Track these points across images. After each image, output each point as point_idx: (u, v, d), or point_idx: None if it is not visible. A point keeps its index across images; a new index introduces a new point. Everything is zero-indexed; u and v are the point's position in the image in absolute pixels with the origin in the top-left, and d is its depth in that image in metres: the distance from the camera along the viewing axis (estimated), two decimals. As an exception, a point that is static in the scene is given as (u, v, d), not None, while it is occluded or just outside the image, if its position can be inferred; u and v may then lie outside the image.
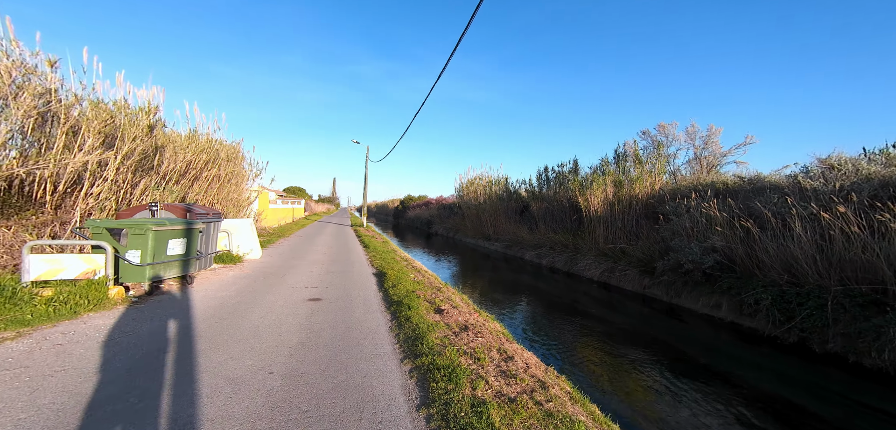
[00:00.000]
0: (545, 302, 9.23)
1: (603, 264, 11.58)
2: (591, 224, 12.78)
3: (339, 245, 13.22)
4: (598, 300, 9.57)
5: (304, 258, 9.39)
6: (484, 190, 22.94)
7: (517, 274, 13.10)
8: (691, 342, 6.57)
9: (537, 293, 10.13)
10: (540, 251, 15.40)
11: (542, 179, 17.84)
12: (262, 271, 7.39)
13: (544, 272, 13.53)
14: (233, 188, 17.57)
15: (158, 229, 4.96)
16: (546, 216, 17.16)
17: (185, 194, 14.63)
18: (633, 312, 8.54)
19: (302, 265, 8.24)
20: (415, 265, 9.25)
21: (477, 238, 23.22)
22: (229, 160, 17.41)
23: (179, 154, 12.70)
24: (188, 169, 14.19)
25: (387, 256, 10.36)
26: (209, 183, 16.04)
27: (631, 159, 12.46)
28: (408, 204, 44.69)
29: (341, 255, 10.49)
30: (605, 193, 12.16)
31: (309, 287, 6.10)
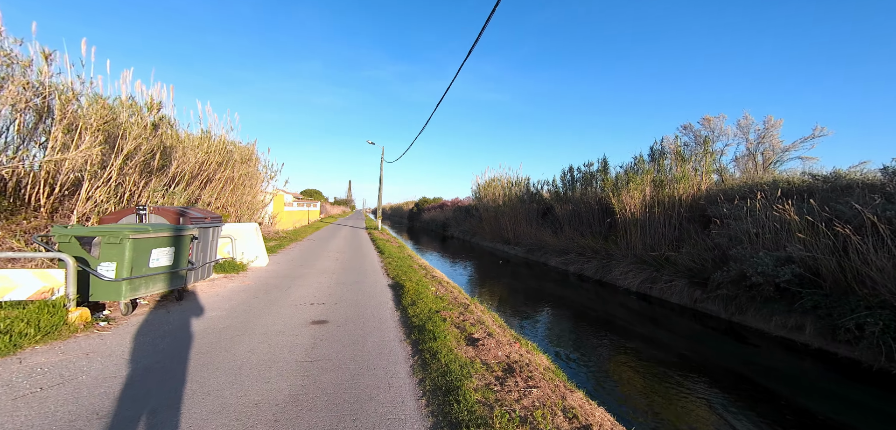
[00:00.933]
0: (580, 316, 8.09)
1: (642, 272, 10.33)
2: (627, 228, 11.54)
3: (353, 250, 12.39)
4: (640, 315, 8.37)
5: (313, 266, 8.55)
6: (503, 191, 21.82)
7: (542, 282, 11.96)
8: (774, 375, 5.34)
9: (569, 305, 8.99)
10: (566, 257, 14.20)
11: (567, 180, 16.63)
12: (266, 282, 6.55)
13: (572, 280, 12.35)
14: (247, 191, 17.04)
15: (138, 237, 4.14)
16: (572, 219, 15.93)
17: (196, 198, 14.12)
18: (686, 330, 7.32)
19: (310, 275, 7.38)
20: (434, 275, 8.28)
21: (495, 242, 22.11)
22: (243, 162, 16.89)
23: (190, 155, 12.13)
24: (200, 171, 13.67)
25: (403, 263, 9.43)
26: (222, 185, 15.51)
27: (671, 157, 11.18)
28: (423, 206, 43.89)
29: (354, 261, 9.62)
30: (644, 194, 10.91)
31: (315, 304, 5.19)
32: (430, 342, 3.64)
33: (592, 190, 15.48)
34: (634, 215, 11.15)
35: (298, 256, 10.37)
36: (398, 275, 7.61)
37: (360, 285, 6.62)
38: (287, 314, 4.62)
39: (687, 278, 8.85)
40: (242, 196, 16.74)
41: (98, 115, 7.25)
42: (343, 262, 9.51)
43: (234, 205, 16.39)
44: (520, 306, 9.03)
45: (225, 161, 15.43)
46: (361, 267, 8.78)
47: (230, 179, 15.96)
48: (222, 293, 5.51)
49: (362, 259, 10.22)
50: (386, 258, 10.25)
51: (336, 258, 10.13)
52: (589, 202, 15.17)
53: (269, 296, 5.52)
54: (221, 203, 15.69)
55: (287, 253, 10.77)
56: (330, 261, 9.53)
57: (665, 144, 12.33)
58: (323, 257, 10.21)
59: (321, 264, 9.03)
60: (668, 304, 9.09)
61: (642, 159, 12.57)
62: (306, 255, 10.68)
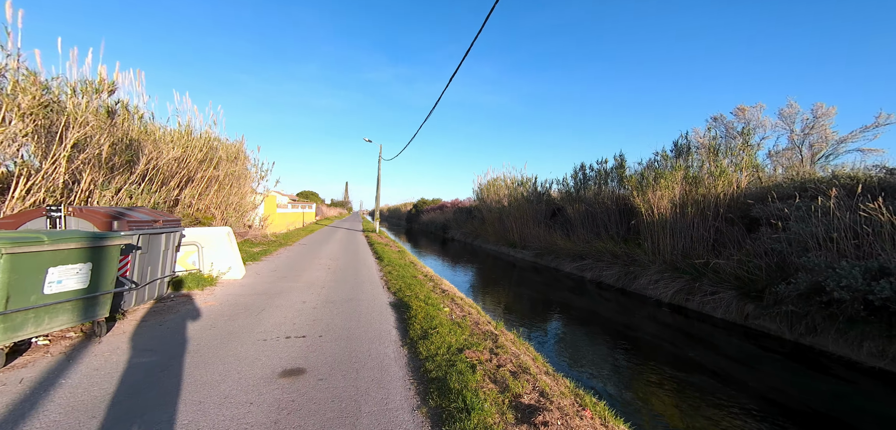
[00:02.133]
0: (610, 333, 6.76)
1: (675, 281, 9.03)
2: (654, 231, 10.25)
3: (348, 256, 10.99)
4: (681, 333, 7.05)
5: (300, 277, 7.15)
6: (508, 191, 20.50)
7: (557, 291, 10.63)
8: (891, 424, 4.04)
9: (595, 320, 7.66)
10: (582, 263, 12.88)
11: (579, 178, 15.34)
12: (236, 301, 5.15)
13: (589, 288, 11.04)
14: (233, 191, 15.58)
15: (19, 252, 2.75)
16: (585, 221, 14.63)
17: (174, 199, 12.65)
18: (743, 354, 6.01)
19: (294, 291, 5.98)
20: (444, 288, 6.91)
21: (499, 244, 20.78)
22: (230, 161, 15.42)
23: (163, 151, 10.70)
24: (178, 169, 12.23)
25: (405, 271, 8.06)
26: (205, 185, 14.03)
27: (704, 151, 9.90)
28: (421, 208, 42.50)
29: (348, 271, 8.22)
30: (674, 193, 9.63)
31: (292, 337, 3.81)
32: (461, 422, 2.27)
33: (608, 189, 14.21)
34: (663, 215, 9.86)
35: (284, 264, 8.95)
36: (401, 289, 6.24)
37: (354, 306, 5.24)
38: (249, 358, 3.23)
39: (735, 290, 7.56)
40: (229, 197, 15.29)
41: (30, 95, 5.82)
42: (336, 271, 8.11)
43: (218, 206, 14.93)
44: (539, 319, 7.68)
45: (208, 159, 13.98)
46: (357, 278, 7.39)
47: (214, 179, 14.50)
48: (169, 323, 4.10)
49: (358, 267, 8.83)
50: (385, 266, 8.87)
51: (328, 267, 8.73)
52: (604, 202, 13.88)
53: (233, 324, 4.13)
54: (204, 205, 14.23)
55: (272, 261, 9.35)
56: (320, 271, 8.13)
57: (691, 138, 11.06)
58: (313, 266, 8.80)
59: (310, 274, 7.63)
60: (710, 319, 7.79)
61: (666, 155, 11.29)
62: (294, 262, 9.27)
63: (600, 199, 14.09)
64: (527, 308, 8.74)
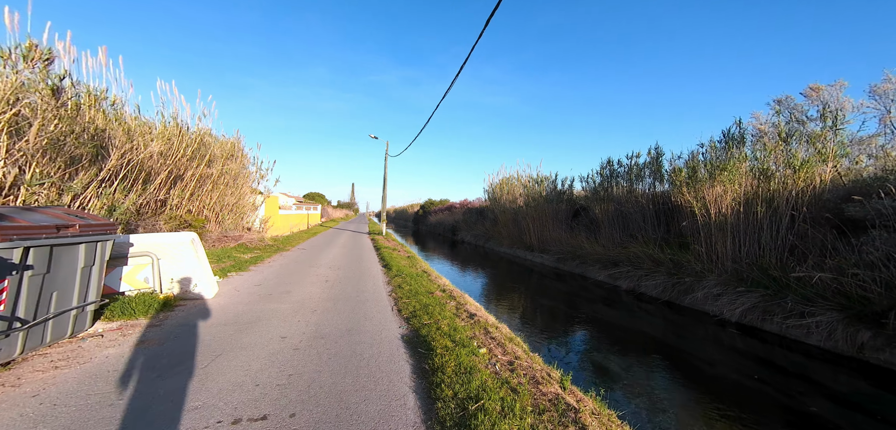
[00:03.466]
0: (680, 367, 5.11)
1: (744, 295, 7.35)
2: (709, 234, 8.58)
3: (351, 264, 9.48)
4: (772, 367, 5.37)
5: (289, 295, 5.64)
6: (524, 190, 18.88)
7: (592, 304, 8.99)
8: None
9: (655, 346, 6.00)
10: (615, 270, 11.21)
11: (606, 174, 13.68)
12: (187, 338, 3.64)
13: (626, 300, 9.38)
14: (229, 191, 14.19)
15: None
16: (614, 222, 12.97)
17: (160, 199, 11.28)
18: (878, 403, 4.35)
19: (276, 317, 4.47)
20: (470, 309, 5.33)
21: (515, 247, 19.16)
22: (225, 158, 14.05)
23: (141, 145, 9.30)
24: (162, 166, 10.85)
25: (418, 285, 6.52)
26: (196, 184, 12.66)
27: (766, 139, 8.20)
28: (429, 209, 40.99)
29: (350, 285, 6.70)
30: (737, 189, 7.96)
31: (244, 421, 2.29)
32: None
33: (641, 186, 12.53)
34: (722, 215, 8.18)
35: (275, 275, 7.45)
36: (416, 312, 4.70)
37: (352, 344, 3.70)
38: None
39: (838, 310, 5.87)
40: (224, 197, 13.90)
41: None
42: (334, 285, 6.59)
43: (212, 208, 13.53)
44: (592, 350, 6.07)
45: (199, 155, 12.61)
46: (359, 296, 5.86)
47: (207, 177, 13.12)
48: (59, 385, 2.59)
49: (362, 279, 7.30)
50: (394, 277, 7.33)
51: (326, 279, 7.21)
52: (639, 201, 12.21)
53: (160, 387, 2.61)
54: (196, 206, 12.84)
55: (261, 271, 7.86)
56: (316, 285, 6.62)
57: (748, 125, 9.37)
58: (308, 278, 7.29)
59: (302, 290, 6.11)
60: (800, 347, 6.10)
61: (715, 145, 9.59)
62: (287, 273, 7.76)
63: (634, 197, 12.42)
64: (567, 331, 7.13)
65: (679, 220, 11.09)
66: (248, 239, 13.19)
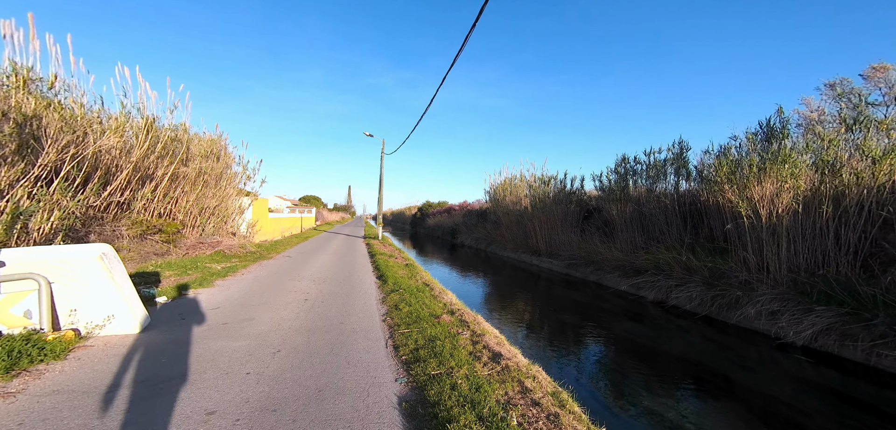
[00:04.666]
0: (759, 412, 3.76)
1: (817, 315, 6.03)
2: (758, 238, 7.27)
3: (340, 276, 8.06)
4: (870, 410, 4.02)
5: (249, 325, 4.22)
6: (529, 191, 17.56)
7: (614, 319, 7.63)
8: None
9: (717, 382, 4.63)
10: (638, 279, 9.88)
11: (623, 173, 12.37)
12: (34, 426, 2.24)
13: (654, 314, 8.04)
14: (210, 193, 12.71)
15: None
16: (632, 224, 11.66)
17: (123, 202, 9.81)
18: None
19: (215, 368, 3.06)
20: (494, 346, 3.92)
21: (519, 252, 17.81)
22: (205, 157, 12.59)
23: (89, 137, 7.83)
24: (124, 162, 9.38)
25: (419, 305, 5.13)
26: (171, 184, 11.20)
27: (819, 128, 6.94)
28: (427, 211, 39.57)
29: (334, 305, 5.28)
30: (795, 186, 6.66)
31: None
32: None
33: (663, 185, 11.24)
34: (778, 217, 6.88)
35: (242, 293, 6.01)
36: (419, 350, 3.31)
37: (322, 423, 2.31)
38: None
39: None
40: (203, 199, 12.43)
41: None
42: (314, 306, 5.18)
43: (188, 211, 12.06)
44: (624, 377, 4.69)
45: (170, 152, 11.15)
46: (344, 323, 4.45)
47: (183, 177, 11.66)
48: None
49: (350, 297, 5.89)
50: (390, 294, 5.93)
51: (305, 296, 5.78)
52: (662, 201, 10.91)
53: None
54: (167, 209, 11.38)
55: (227, 287, 6.41)
56: (289, 307, 5.19)
57: (794, 114, 8.09)
58: (282, 296, 5.86)
59: (269, 315, 4.69)
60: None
61: (752, 137, 8.30)
62: (259, 289, 6.33)
63: (655, 197, 11.12)
64: (603, 360, 5.75)
65: (709, 221, 9.82)
66: (227, 245, 11.69)
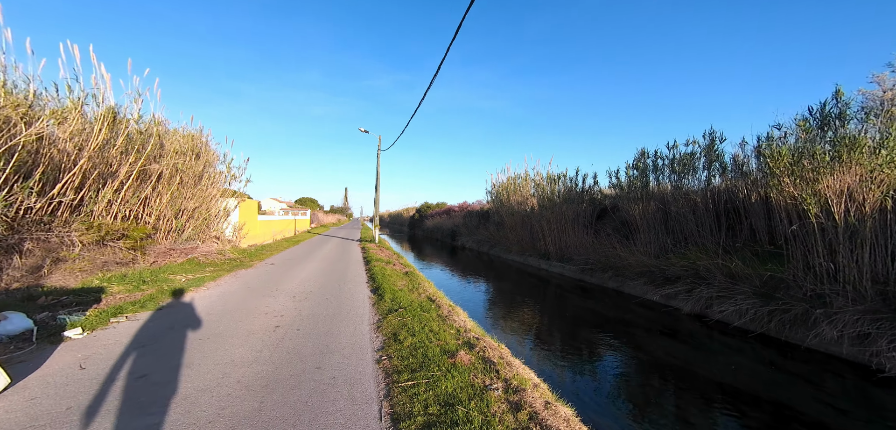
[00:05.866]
0: None
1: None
2: (830, 241, 5.98)
3: (328, 289, 6.66)
4: None
5: (169, 386, 2.83)
6: (535, 190, 16.25)
7: (649, 336, 6.30)
8: None
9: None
10: (671, 288, 8.57)
11: (643, 168, 11.07)
12: None
13: (694, 330, 6.73)
14: (188, 193, 11.24)
15: None
16: (655, 225, 10.38)
17: (71, 203, 8.39)
18: None
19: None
20: (535, 404, 2.58)
21: (526, 255, 16.48)
22: (182, 153, 11.14)
23: (9, 122, 6.34)
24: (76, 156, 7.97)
25: (424, 330, 3.76)
26: (140, 184, 9.74)
27: None
28: (425, 212, 38.17)
29: (313, 336, 3.88)
30: (891, 177, 5.37)
31: None
32: None
33: (692, 181, 9.96)
34: (860, 216, 5.59)
35: (194, 317, 4.58)
36: (433, 426, 1.96)
37: None
38: None
39: None
40: (178, 201, 10.96)
41: None
42: (284, 338, 3.79)
43: (162, 214, 10.59)
44: None
45: (136, 146, 9.71)
46: (321, 372, 3.06)
47: (155, 175, 10.20)
48: None
49: (335, 322, 4.49)
50: (387, 315, 4.55)
51: (277, 322, 4.38)
52: (692, 199, 9.62)
53: None
54: (134, 211, 9.92)
55: (179, 309, 4.98)
56: (249, 342, 3.79)
57: (856, 96, 6.84)
58: (246, 322, 4.44)
59: (218, 357, 3.29)
60: None
61: (804, 123, 7.04)
62: (221, 310, 4.90)
63: (684, 194, 9.83)
64: (662, 403, 4.40)
65: (752, 221, 8.54)
66: (203, 252, 10.22)
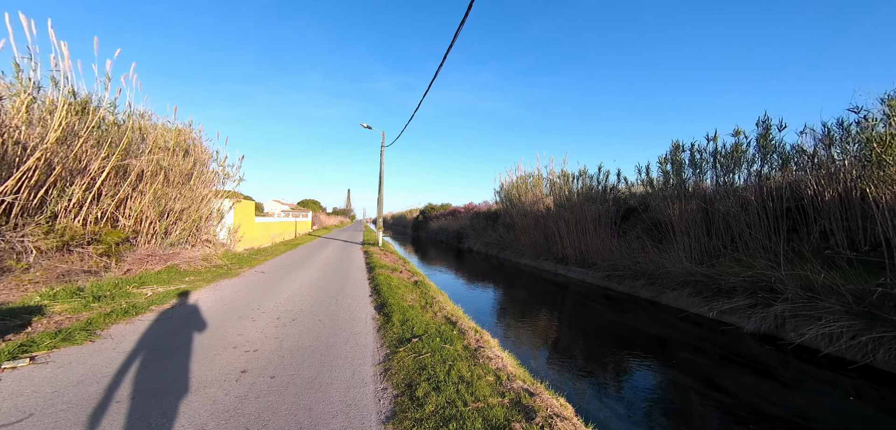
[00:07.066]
0: None
1: None
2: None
3: (320, 310, 5.35)
4: None
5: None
6: (549, 189, 14.94)
7: (726, 368, 4.95)
8: None
9: None
10: (726, 302, 7.23)
11: (678, 163, 9.73)
12: None
13: (753, 349, 5.39)
14: (174, 193, 9.99)
15: None
16: (695, 227, 9.04)
17: (25, 202, 7.20)
18: None
19: None
20: None
21: (540, 259, 15.15)
22: (167, 149, 9.91)
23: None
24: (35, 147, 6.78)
25: (457, 391, 2.48)
26: (117, 182, 8.52)
27: None
28: (429, 214, 36.88)
29: (288, 399, 2.57)
30: None
31: None
32: None
33: (739, 176, 8.63)
34: None
35: (130, 354, 3.29)
36: None
37: None
38: None
39: None
40: (166, 201, 9.71)
41: None
42: (250, 395, 2.50)
43: (142, 215, 9.35)
44: None
45: (109, 140, 8.48)
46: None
47: (136, 173, 8.96)
48: None
49: (325, 363, 3.20)
50: (399, 352, 3.26)
51: (247, 364, 3.10)
52: (742, 196, 8.28)
53: None
54: (109, 212, 8.68)
55: (122, 337, 3.67)
56: (198, 397, 2.50)
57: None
58: (201, 369, 3.15)
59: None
60: None
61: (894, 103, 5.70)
62: (174, 345, 3.62)
63: (732, 191, 8.49)
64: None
65: (826, 222, 7.19)
66: (187, 258, 8.94)
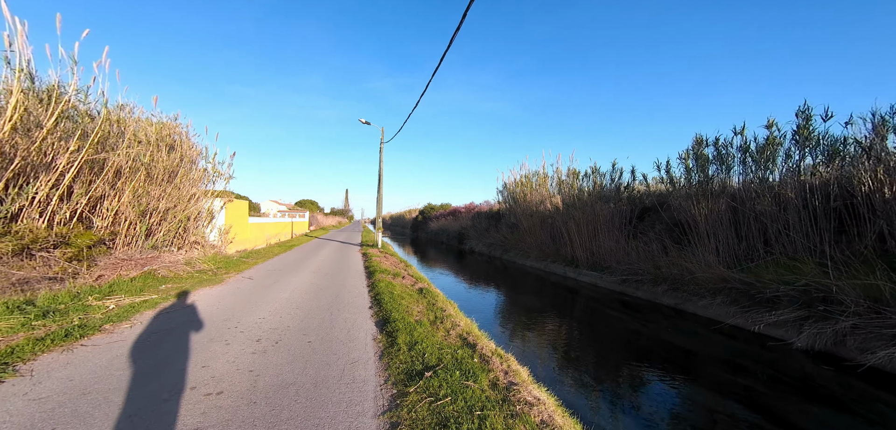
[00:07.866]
0: None
1: None
2: None
3: (310, 328, 4.45)
4: None
5: None
6: (556, 188, 14.12)
7: (776, 393, 4.15)
8: None
9: None
10: (766, 313, 6.40)
11: (703, 159, 8.93)
12: None
13: (808, 369, 4.57)
14: (157, 192, 9.02)
15: None
16: (722, 227, 8.23)
17: None
18: None
19: None
20: None
21: (547, 261, 14.32)
22: (149, 144, 8.96)
23: None
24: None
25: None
26: (91, 178, 7.58)
27: None
28: (429, 214, 35.99)
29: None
30: None
31: None
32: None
33: (774, 173, 7.83)
34: None
35: (52, 405, 2.39)
36: None
37: None
38: None
39: None
40: (147, 200, 8.75)
41: None
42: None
43: (120, 215, 8.39)
44: None
45: (80, 131, 7.53)
46: None
47: (113, 169, 8.01)
48: None
49: (315, 413, 2.35)
50: (411, 395, 2.41)
51: (202, 420, 2.24)
52: (781, 194, 7.47)
53: None
54: (74, 210, 7.72)
55: (48, 377, 2.79)
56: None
57: None
58: (155, 412, 2.28)
59: None
60: None
61: None
62: (108, 391, 2.73)
63: (768, 188, 7.69)
64: None
65: (885, 222, 6.38)
66: (168, 263, 8.00)
